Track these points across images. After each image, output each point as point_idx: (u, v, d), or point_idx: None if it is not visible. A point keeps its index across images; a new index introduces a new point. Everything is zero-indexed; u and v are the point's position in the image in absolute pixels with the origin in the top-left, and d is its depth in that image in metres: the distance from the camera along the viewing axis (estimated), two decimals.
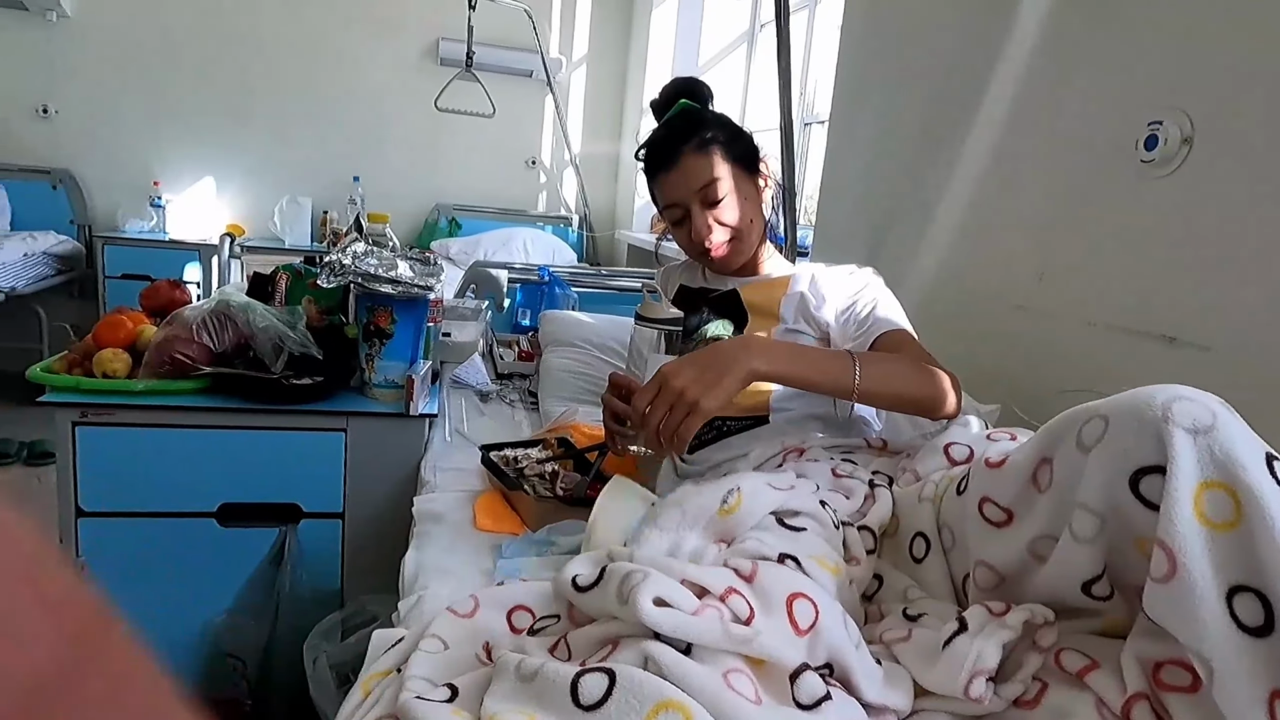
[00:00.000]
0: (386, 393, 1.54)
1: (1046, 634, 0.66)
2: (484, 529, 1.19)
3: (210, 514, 1.48)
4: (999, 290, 1.48)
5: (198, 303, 1.58)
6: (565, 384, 1.83)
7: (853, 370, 0.98)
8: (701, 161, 1.19)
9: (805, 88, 3.10)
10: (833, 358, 1.01)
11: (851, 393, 0.98)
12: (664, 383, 0.91)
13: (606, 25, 4.48)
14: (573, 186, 4.56)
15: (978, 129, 1.55)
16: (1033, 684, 0.64)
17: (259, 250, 3.67)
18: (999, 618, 0.66)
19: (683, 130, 1.21)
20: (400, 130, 4.28)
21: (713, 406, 0.89)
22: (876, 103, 1.93)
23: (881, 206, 1.87)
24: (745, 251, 1.25)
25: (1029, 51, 1.43)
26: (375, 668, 0.73)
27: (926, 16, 1.76)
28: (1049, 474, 0.67)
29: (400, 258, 1.54)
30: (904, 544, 0.86)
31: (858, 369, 0.98)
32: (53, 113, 3.86)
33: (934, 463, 0.95)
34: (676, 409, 0.89)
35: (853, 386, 0.97)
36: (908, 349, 1.12)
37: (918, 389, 1.02)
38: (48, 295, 3.66)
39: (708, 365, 0.92)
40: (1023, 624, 0.65)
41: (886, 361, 1.05)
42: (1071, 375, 1.31)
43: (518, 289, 2.35)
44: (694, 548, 0.79)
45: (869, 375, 0.98)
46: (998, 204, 1.50)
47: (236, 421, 1.46)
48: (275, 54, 4.06)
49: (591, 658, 0.62)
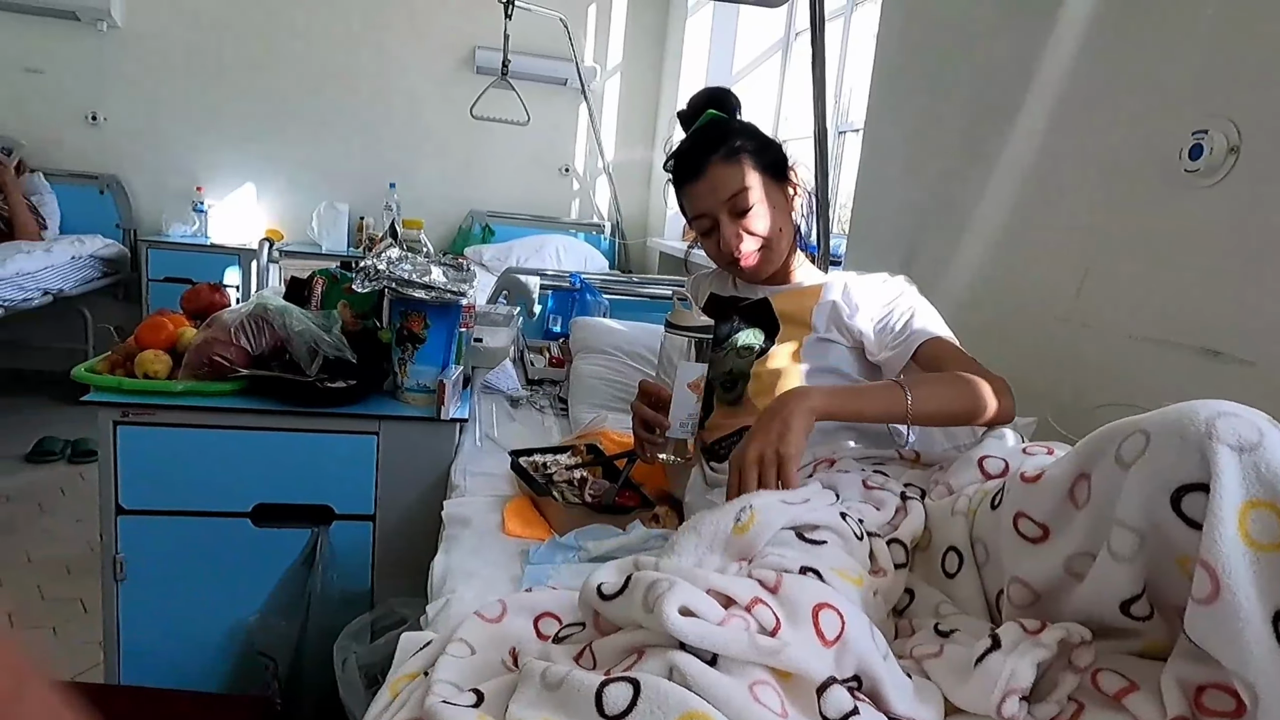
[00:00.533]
0: (418, 397, 1.56)
1: (1083, 654, 0.64)
2: (512, 534, 1.20)
3: (245, 514, 1.50)
4: (1037, 302, 1.45)
5: (236, 306, 1.61)
6: (595, 391, 1.83)
7: (904, 398, 1.00)
8: (729, 171, 1.19)
9: (840, 95, 3.08)
10: (882, 389, 1.03)
11: (905, 418, 1.00)
12: (740, 462, 0.93)
13: (641, 34, 4.50)
14: (605, 194, 4.58)
15: (1016, 137, 1.52)
16: (1068, 705, 0.63)
17: (297, 255, 3.73)
18: (1034, 635, 0.65)
19: (709, 140, 1.21)
20: (436, 138, 4.34)
21: (794, 450, 0.92)
22: (913, 110, 1.91)
23: (917, 215, 1.85)
24: (775, 260, 1.24)
25: (1069, 59, 1.41)
26: (403, 670, 0.73)
27: (965, 24, 1.74)
28: (1087, 490, 0.66)
29: (434, 263, 1.56)
30: (936, 558, 0.84)
31: (909, 396, 1.00)
32: (102, 120, 3.98)
33: (968, 476, 0.93)
34: (766, 470, 0.91)
35: (905, 412, 1.00)
36: (951, 358, 1.12)
37: (968, 403, 1.04)
38: (93, 297, 3.76)
39: (769, 424, 0.95)
40: (1058, 643, 0.63)
41: (935, 383, 1.06)
42: (1110, 389, 1.28)
43: (549, 295, 2.36)
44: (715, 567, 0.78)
45: (920, 398, 1.00)
46: (1036, 214, 1.48)
47: (272, 423, 1.48)
48: (315, 63, 4.14)
49: (616, 667, 0.62)
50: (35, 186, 3.70)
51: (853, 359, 1.20)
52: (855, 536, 0.82)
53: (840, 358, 1.19)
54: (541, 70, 4.17)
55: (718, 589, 0.66)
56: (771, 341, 1.22)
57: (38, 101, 3.88)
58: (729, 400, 1.23)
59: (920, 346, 1.14)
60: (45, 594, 2.18)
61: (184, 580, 1.50)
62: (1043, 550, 0.70)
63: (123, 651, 1.50)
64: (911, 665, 0.71)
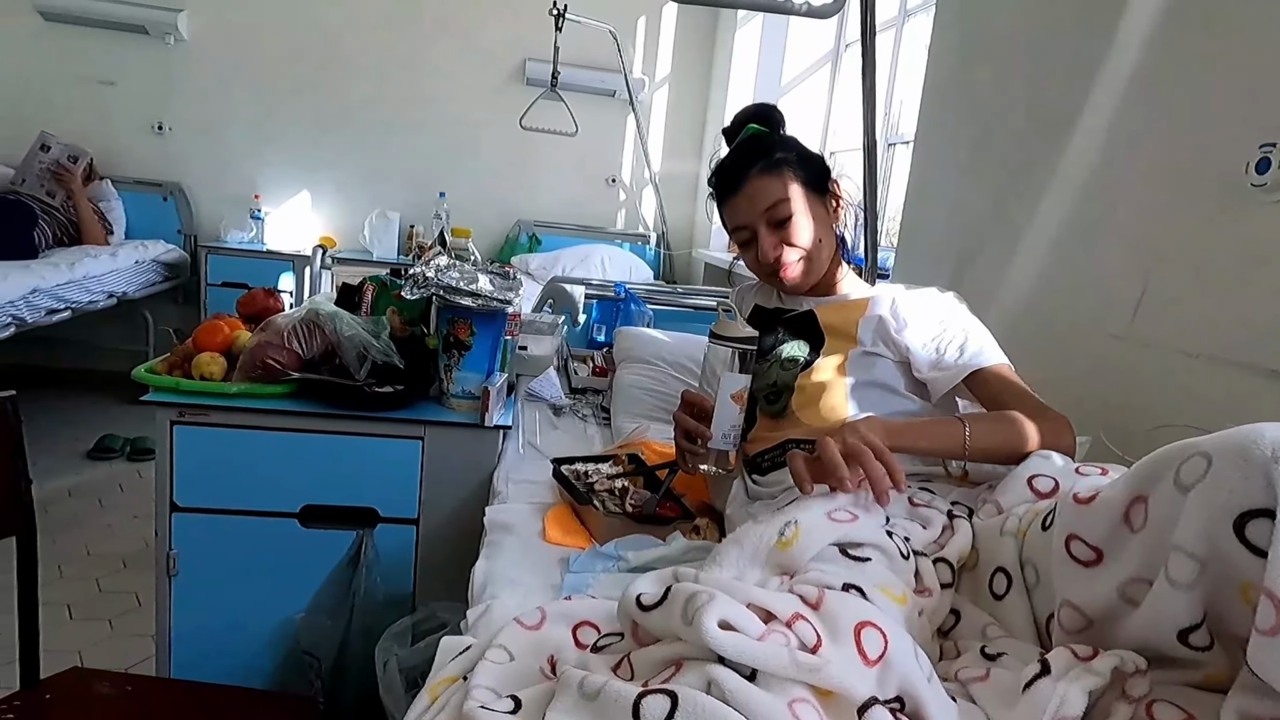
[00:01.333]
0: (463, 403, 1.57)
1: (1137, 683, 0.62)
2: (553, 542, 1.20)
3: (293, 514, 1.54)
4: (1093, 318, 1.41)
5: (289, 311, 1.65)
6: (638, 401, 1.83)
7: (963, 434, 0.99)
8: (767, 182, 1.19)
9: (890, 108, 3.05)
10: (944, 425, 1.02)
11: (962, 454, 1.00)
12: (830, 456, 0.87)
13: (689, 46, 4.51)
14: (651, 205, 4.59)
15: (1073, 151, 1.49)
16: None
17: (348, 262, 3.83)
18: (1085, 662, 0.62)
19: (750, 154, 1.22)
20: (485, 148, 4.40)
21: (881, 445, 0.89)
22: (965, 123, 1.89)
23: (968, 229, 1.82)
24: (815, 272, 1.24)
25: (1130, 70, 1.37)
26: (443, 674, 0.74)
27: (1020, 35, 1.71)
28: (1143, 513, 0.64)
29: (481, 271, 1.58)
30: (984, 579, 0.82)
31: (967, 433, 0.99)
32: (167, 129, 4.13)
33: (1017, 495, 0.91)
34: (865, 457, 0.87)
35: (962, 449, 0.99)
36: (1010, 391, 1.10)
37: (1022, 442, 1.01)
38: (155, 300, 3.89)
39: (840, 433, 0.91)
40: (1111, 671, 0.61)
41: (995, 422, 1.04)
42: (1168, 409, 1.24)
43: (594, 305, 2.38)
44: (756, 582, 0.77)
45: (977, 433, 1.00)
46: (1094, 228, 1.44)
47: (321, 426, 1.51)
48: (371, 75, 4.24)
49: (654, 679, 0.61)
50: (103, 193, 3.85)
51: (899, 373, 1.18)
52: (900, 555, 0.80)
53: (886, 372, 1.18)
54: (590, 82, 4.21)
55: (758, 603, 0.65)
56: (816, 354, 1.21)
57: (108, 111, 4.05)
58: (772, 412, 1.22)
59: (976, 373, 1.12)
60: (102, 587, 2.25)
61: (233, 577, 1.54)
62: (1096, 574, 0.68)
63: (173, 645, 1.54)
64: (956, 688, 0.69)
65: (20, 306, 2.78)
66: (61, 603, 2.13)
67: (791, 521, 0.79)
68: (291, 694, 1.52)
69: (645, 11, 4.44)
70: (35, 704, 1.16)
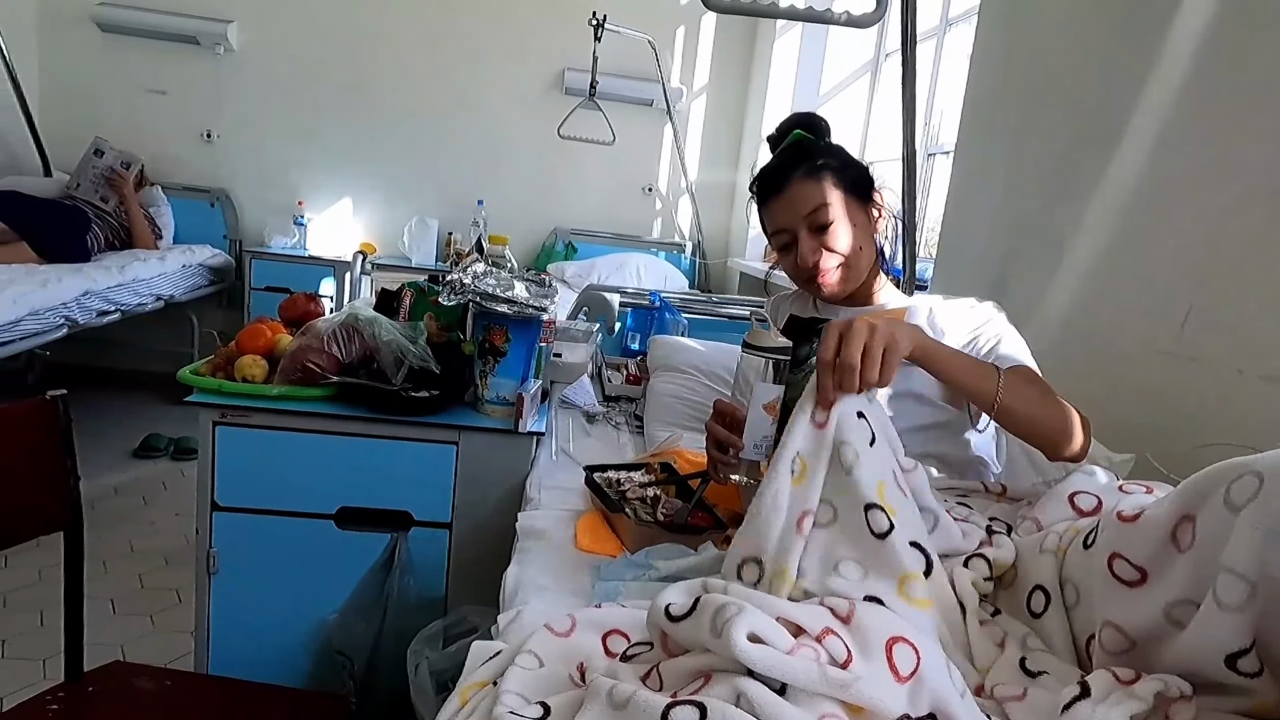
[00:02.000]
0: (497, 409, 1.59)
1: (1182, 709, 0.60)
2: (584, 549, 1.20)
3: (329, 516, 1.56)
4: (1138, 333, 1.38)
5: (329, 315, 1.68)
6: (671, 409, 1.83)
7: (997, 381, 0.98)
8: (810, 187, 1.18)
9: (930, 118, 3.02)
10: (981, 365, 1.02)
11: (992, 403, 0.98)
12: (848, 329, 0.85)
13: (728, 55, 4.51)
14: (688, 213, 4.59)
15: (1119, 162, 1.46)
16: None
17: (388, 267, 3.88)
18: (1127, 685, 0.61)
19: (794, 159, 1.21)
20: (523, 156, 4.44)
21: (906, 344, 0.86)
22: (1008, 133, 1.86)
23: (1010, 241, 1.79)
24: (854, 280, 1.23)
25: (1177, 80, 1.34)
26: (473, 678, 0.74)
27: (1065, 45, 1.68)
28: (1191, 533, 0.62)
29: (517, 279, 1.59)
30: (1021, 597, 0.80)
31: (1001, 380, 0.98)
32: (215, 137, 4.24)
33: (1058, 512, 0.89)
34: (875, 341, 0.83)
35: (994, 396, 0.97)
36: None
37: (1053, 419, 1.01)
38: (200, 304, 3.99)
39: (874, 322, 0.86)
40: (1154, 696, 0.59)
41: (1030, 385, 1.04)
42: (1217, 427, 1.20)
43: (628, 313, 2.38)
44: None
45: (1011, 387, 0.98)
46: (1140, 241, 1.41)
47: (358, 429, 1.53)
48: (412, 86, 4.31)
49: (683, 690, 0.61)
50: (153, 199, 3.96)
51: (934, 383, 1.17)
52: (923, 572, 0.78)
53: (923, 381, 1.16)
54: (628, 91, 4.23)
55: (788, 616, 0.64)
56: None
57: (159, 120, 4.17)
58: None
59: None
60: (145, 583, 2.30)
61: (270, 576, 1.56)
62: (1140, 594, 0.66)
63: (212, 641, 1.57)
64: (992, 706, 0.68)
65: (73, 308, 2.86)
66: (105, 597, 2.18)
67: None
68: (324, 693, 1.54)
69: (684, 21, 4.45)
70: (79, 696, 1.19)
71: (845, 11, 1.37)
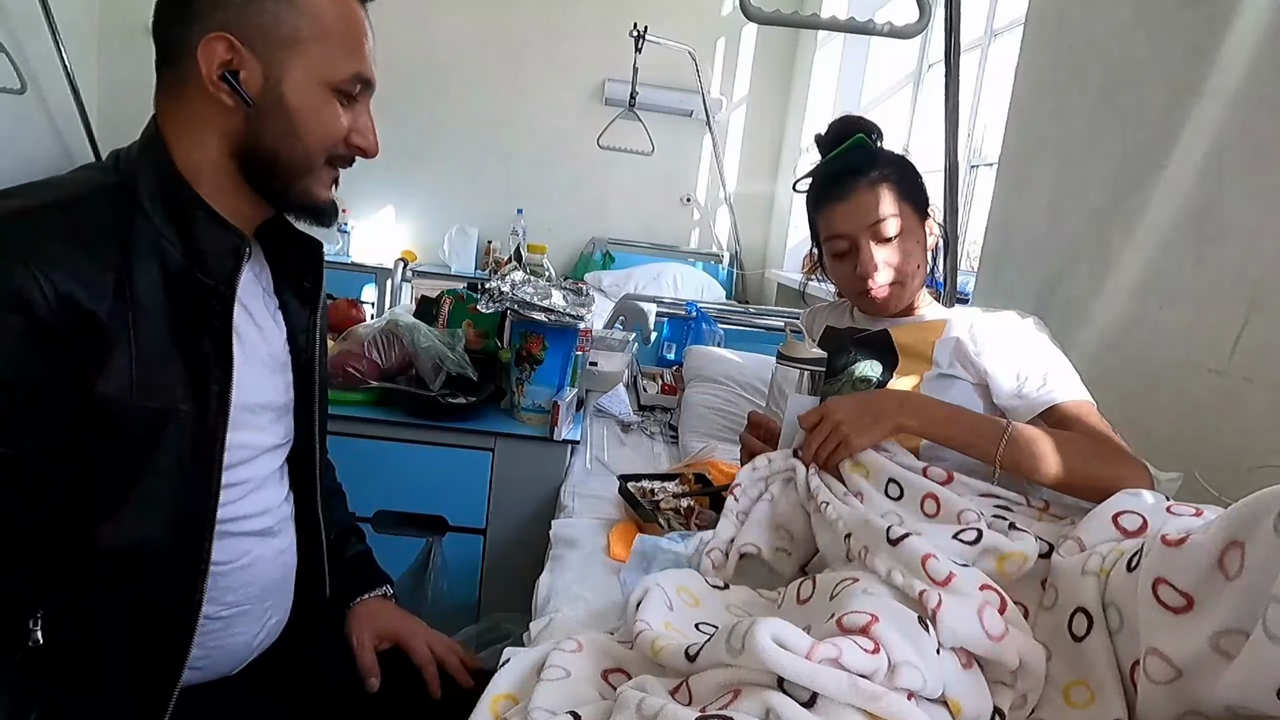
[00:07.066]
0: (533, 416, 1.60)
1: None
2: (616, 558, 1.20)
3: (366, 519, 1.58)
4: (1189, 351, 1.34)
5: (370, 321, 1.71)
6: (706, 420, 1.83)
7: (998, 443, 0.98)
8: (877, 195, 1.16)
9: (973, 130, 2.98)
10: (986, 424, 1.01)
11: (993, 461, 0.98)
12: (827, 413, 1.00)
13: (768, 66, 4.51)
14: (725, 224, 4.59)
15: (1171, 174, 1.42)
16: None
17: (428, 275, 3.93)
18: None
19: (859, 164, 1.19)
20: (563, 166, 4.48)
21: (861, 444, 0.98)
22: (1055, 146, 1.82)
23: (1055, 254, 1.76)
24: (904, 299, 1.21)
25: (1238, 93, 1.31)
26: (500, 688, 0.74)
27: (1115, 56, 1.65)
28: (1239, 559, 0.60)
29: (555, 287, 1.60)
30: (1063, 619, 0.78)
31: (1004, 441, 0.98)
32: None
33: (1102, 532, 0.86)
34: (829, 440, 0.99)
35: (994, 460, 0.98)
36: (1087, 428, 1.05)
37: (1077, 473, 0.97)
38: None
39: (866, 408, 1.00)
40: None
41: (1042, 440, 1.00)
42: (1268, 448, 1.16)
43: (665, 323, 2.38)
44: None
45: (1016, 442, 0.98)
46: (1191, 257, 1.37)
47: (396, 434, 1.56)
48: (455, 97, 4.37)
49: (713, 704, 0.61)
50: None
51: (976, 396, 1.15)
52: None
53: (963, 394, 1.14)
54: (668, 102, 4.24)
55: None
56: (890, 374, 1.18)
57: None
58: None
59: (1055, 408, 1.08)
60: None
61: None
62: (1186, 622, 0.64)
63: None
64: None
65: None
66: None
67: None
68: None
69: (725, 32, 4.46)
70: None
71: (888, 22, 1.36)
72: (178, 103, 0.85)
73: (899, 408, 1.01)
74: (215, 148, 0.84)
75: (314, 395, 1.00)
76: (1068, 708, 0.69)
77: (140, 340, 0.75)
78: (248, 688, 0.93)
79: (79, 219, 0.75)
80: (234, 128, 0.83)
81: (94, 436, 0.74)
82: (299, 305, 0.98)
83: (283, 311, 0.97)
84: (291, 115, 0.84)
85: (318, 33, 0.84)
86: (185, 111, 0.84)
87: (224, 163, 0.84)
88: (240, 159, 0.84)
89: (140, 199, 0.80)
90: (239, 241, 0.84)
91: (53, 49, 3.44)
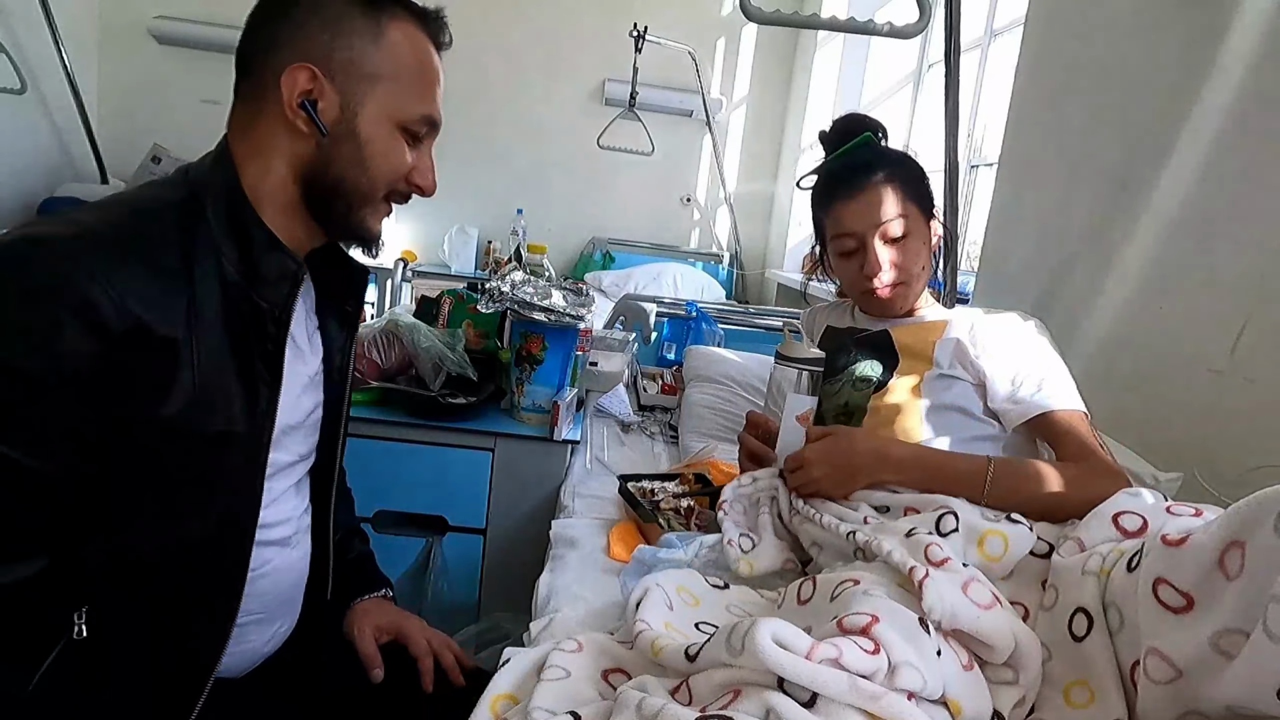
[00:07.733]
0: (533, 416, 1.60)
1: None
2: (617, 558, 1.20)
3: (366, 519, 1.58)
4: (1189, 351, 1.34)
5: (370, 321, 1.71)
6: (706, 420, 1.83)
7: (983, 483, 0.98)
8: (888, 194, 1.16)
9: (973, 129, 2.98)
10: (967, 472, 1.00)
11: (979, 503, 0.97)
12: (805, 465, 1.03)
13: (768, 67, 4.51)
14: (726, 224, 4.59)
15: (1170, 175, 1.42)
16: None
17: (428, 275, 3.93)
18: None
19: (868, 162, 1.19)
20: (563, 166, 4.48)
21: (836, 497, 1.02)
22: (1054, 146, 1.83)
23: (1055, 254, 1.76)
24: (907, 301, 1.21)
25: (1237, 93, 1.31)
26: (500, 688, 0.74)
27: (1115, 58, 1.65)
28: (1240, 560, 0.60)
29: (555, 287, 1.60)
30: (1063, 619, 0.78)
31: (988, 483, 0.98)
32: None
33: (1101, 532, 0.87)
34: (805, 488, 1.03)
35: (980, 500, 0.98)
36: (1074, 439, 1.06)
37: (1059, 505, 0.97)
38: None
39: (844, 465, 1.02)
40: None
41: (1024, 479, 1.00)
42: (1270, 449, 1.16)
43: (665, 323, 2.38)
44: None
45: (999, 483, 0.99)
46: (1192, 258, 1.37)
47: (396, 434, 1.56)
48: (455, 97, 4.31)
49: (713, 704, 0.61)
50: None
51: (976, 396, 1.15)
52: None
53: (963, 394, 1.14)
54: (668, 102, 4.24)
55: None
56: (890, 374, 1.18)
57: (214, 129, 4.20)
58: None
59: (1046, 415, 1.08)
60: None
61: None
62: (1185, 622, 0.64)
63: None
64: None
65: None
66: None
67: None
68: None
69: (725, 32, 4.46)
70: None
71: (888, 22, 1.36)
72: (252, 123, 0.86)
73: (878, 464, 1.01)
74: (283, 171, 0.85)
75: (341, 413, 1.02)
76: (1068, 708, 0.69)
77: (201, 361, 0.77)
78: (249, 689, 0.93)
79: (151, 240, 0.76)
80: (304, 154, 0.85)
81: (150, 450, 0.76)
82: (338, 328, 1.00)
83: (321, 332, 0.98)
84: (362, 147, 0.85)
85: (396, 72, 0.85)
86: (257, 133, 0.85)
87: (288, 187, 0.86)
88: (305, 184, 0.86)
89: (207, 214, 0.81)
90: (296, 268, 0.86)
91: (53, 49, 3.44)
